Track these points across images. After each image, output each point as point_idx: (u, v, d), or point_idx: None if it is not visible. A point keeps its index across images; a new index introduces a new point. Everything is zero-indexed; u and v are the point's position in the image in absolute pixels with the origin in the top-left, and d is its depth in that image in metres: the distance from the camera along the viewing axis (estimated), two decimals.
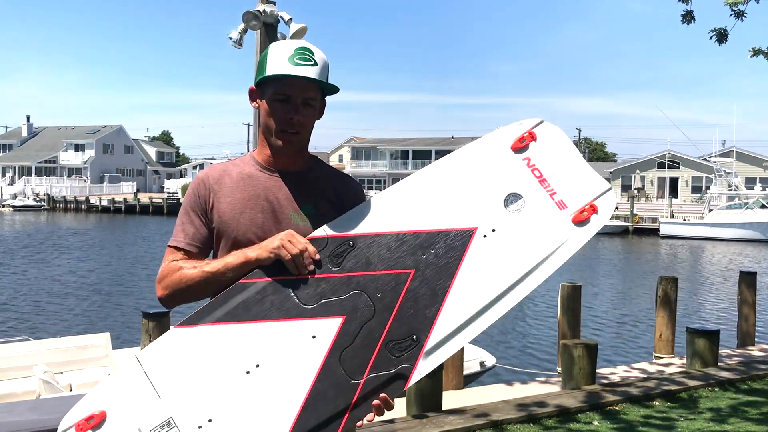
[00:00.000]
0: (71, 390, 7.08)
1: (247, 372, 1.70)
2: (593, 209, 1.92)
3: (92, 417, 1.67)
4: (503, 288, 1.83)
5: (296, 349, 1.73)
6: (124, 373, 1.73)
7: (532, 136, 2.00)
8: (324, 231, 1.86)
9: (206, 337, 1.73)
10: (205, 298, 1.90)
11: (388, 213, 1.89)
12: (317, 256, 1.81)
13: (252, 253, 1.82)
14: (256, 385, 1.69)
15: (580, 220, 1.91)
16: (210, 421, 1.67)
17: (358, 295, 1.79)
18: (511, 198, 1.93)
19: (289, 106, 1.88)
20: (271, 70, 1.88)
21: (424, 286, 1.81)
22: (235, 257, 1.84)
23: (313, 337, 1.74)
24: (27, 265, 23.48)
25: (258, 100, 1.96)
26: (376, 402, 1.72)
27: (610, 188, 1.99)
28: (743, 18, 6.38)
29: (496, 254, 1.86)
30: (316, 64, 1.88)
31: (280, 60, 1.87)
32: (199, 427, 1.67)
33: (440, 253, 1.84)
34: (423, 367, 1.75)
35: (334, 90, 1.97)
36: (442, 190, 1.93)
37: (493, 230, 1.88)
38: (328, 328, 1.75)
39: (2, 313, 14.85)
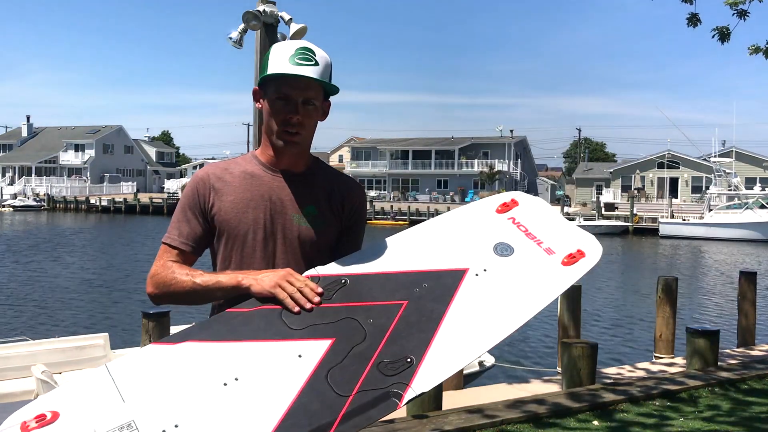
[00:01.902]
0: None
1: (224, 384, 1.64)
2: (581, 254, 1.97)
3: (42, 416, 1.54)
4: (500, 314, 1.81)
5: (280, 365, 1.68)
6: (88, 377, 1.64)
7: (515, 202, 2.14)
8: (316, 271, 1.86)
9: (186, 352, 1.68)
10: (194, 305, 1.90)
11: (381, 257, 1.92)
12: (319, 290, 1.79)
13: (246, 282, 1.81)
14: (233, 396, 1.62)
15: (569, 264, 1.95)
16: (176, 426, 1.57)
17: (349, 321, 1.76)
18: (500, 246, 2.00)
19: (289, 106, 1.88)
20: (272, 69, 1.87)
21: (417, 312, 1.78)
22: (228, 279, 1.83)
23: (299, 356, 1.69)
24: (27, 265, 23.48)
25: (261, 100, 1.96)
26: None
27: (594, 238, 2.04)
28: (746, 17, 6.36)
29: (489, 287, 1.87)
30: (317, 64, 1.87)
31: (281, 60, 1.87)
32: (163, 431, 1.57)
33: (433, 287, 1.85)
34: (419, 385, 1.66)
35: (333, 90, 1.96)
36: (434, 241, 2.01)
37: (485, 270, 1.92)
38: (316, 348, 1.70)
39: (1, 312, 14.84)
